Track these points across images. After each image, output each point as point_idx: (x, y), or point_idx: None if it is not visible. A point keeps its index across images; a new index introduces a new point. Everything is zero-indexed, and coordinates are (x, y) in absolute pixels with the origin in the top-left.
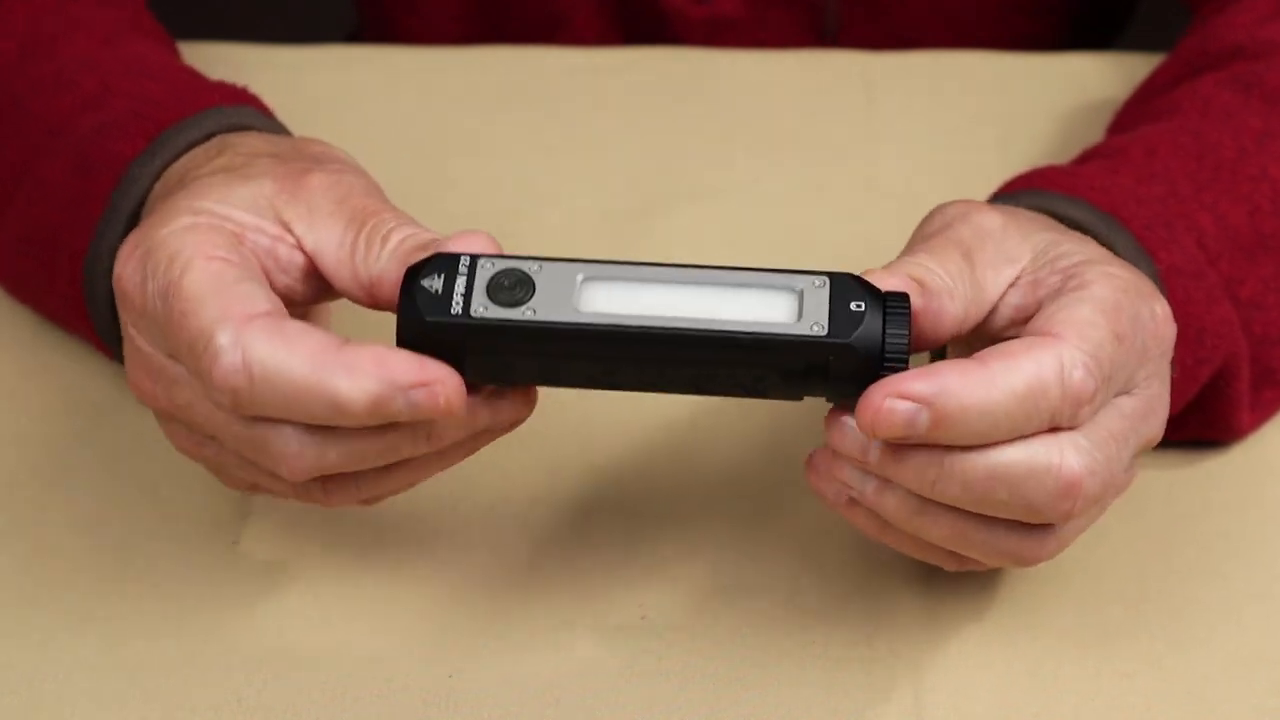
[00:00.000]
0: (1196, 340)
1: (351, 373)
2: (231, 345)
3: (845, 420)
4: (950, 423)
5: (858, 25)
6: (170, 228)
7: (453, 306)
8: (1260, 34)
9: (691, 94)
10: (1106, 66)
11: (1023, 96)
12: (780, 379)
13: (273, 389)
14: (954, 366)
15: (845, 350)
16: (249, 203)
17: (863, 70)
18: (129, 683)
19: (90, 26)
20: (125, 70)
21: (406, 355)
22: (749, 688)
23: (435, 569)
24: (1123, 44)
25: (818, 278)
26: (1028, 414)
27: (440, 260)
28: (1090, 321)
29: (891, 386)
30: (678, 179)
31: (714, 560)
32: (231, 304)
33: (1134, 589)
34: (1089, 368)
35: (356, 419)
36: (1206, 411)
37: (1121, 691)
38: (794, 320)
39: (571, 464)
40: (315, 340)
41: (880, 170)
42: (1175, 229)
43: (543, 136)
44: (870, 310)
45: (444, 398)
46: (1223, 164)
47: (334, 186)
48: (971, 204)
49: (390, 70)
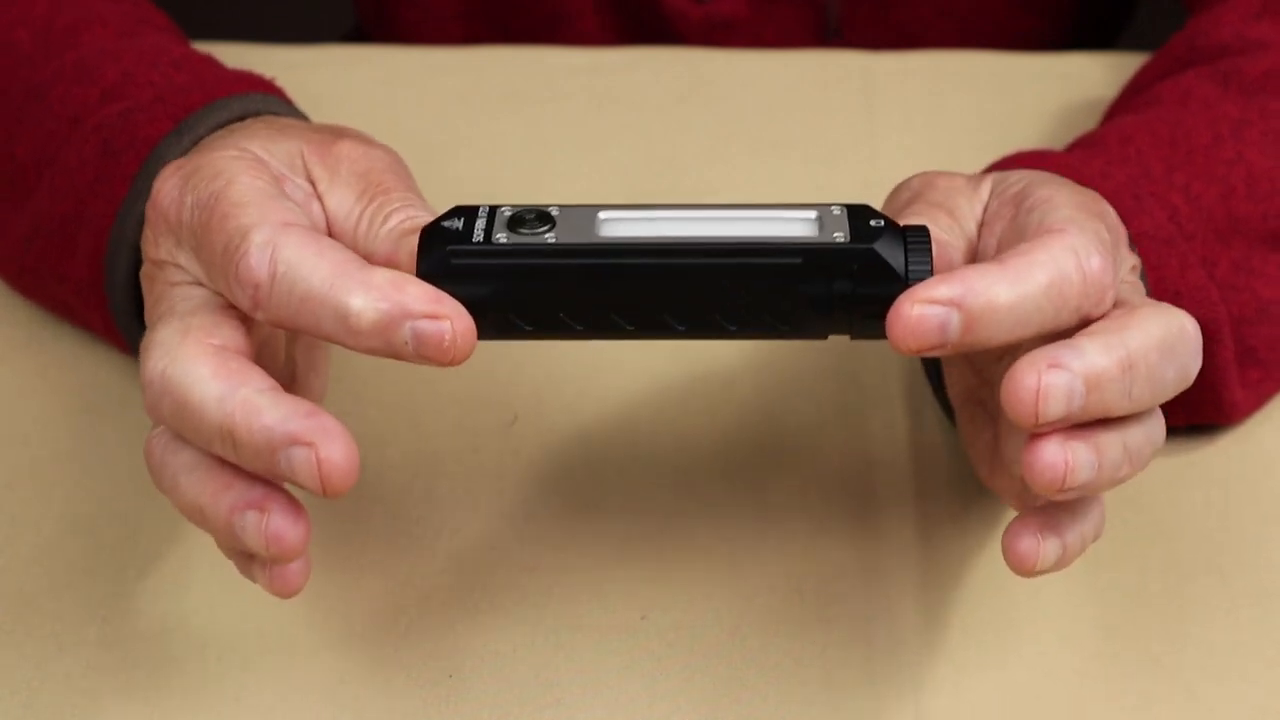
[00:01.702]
0: (1173, 303)
1: (367, 289)
2: (264, 243)
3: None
4: (982, 322)
5: (860, 23)
6: (218, 153)
7: (474, 236)
8: (1247, 32)
9: (691, 94)
10: (1106, 66)
11: (1023, 96)
12: (805, 297)
13: (290, 291)
14: (975, 269)
15: (869, 256)
16: (287, 157)
17: (863, 70)
18: (129, 683)
19: (107, 19)
20: (148, 60)
21: (424, 286)
22: (749, 688)
23: (435, 569)
24: (1123, 43)
25: (835, 206)
26: (1056, 306)
27: (461, 209)
28: (1073, 218)
29: (918, 293)
30: (678, 179)
31: (714, 560)
32: (272, 210)
33: (1133, 588)
34: (1101, 252)
35: (361, 338)
36: (1195, 385)
37: (1121, 691)
38: (816, 234)
39: (571, 464)
40: (344, 254)
41: (880, 170)
42: (1145, 202)
43: (543, 136)
44: (890, 230)
45: (451, 336)
46: (1196, 149)
47: (360, 157)
48: (931, 173)
49: (390, 70)
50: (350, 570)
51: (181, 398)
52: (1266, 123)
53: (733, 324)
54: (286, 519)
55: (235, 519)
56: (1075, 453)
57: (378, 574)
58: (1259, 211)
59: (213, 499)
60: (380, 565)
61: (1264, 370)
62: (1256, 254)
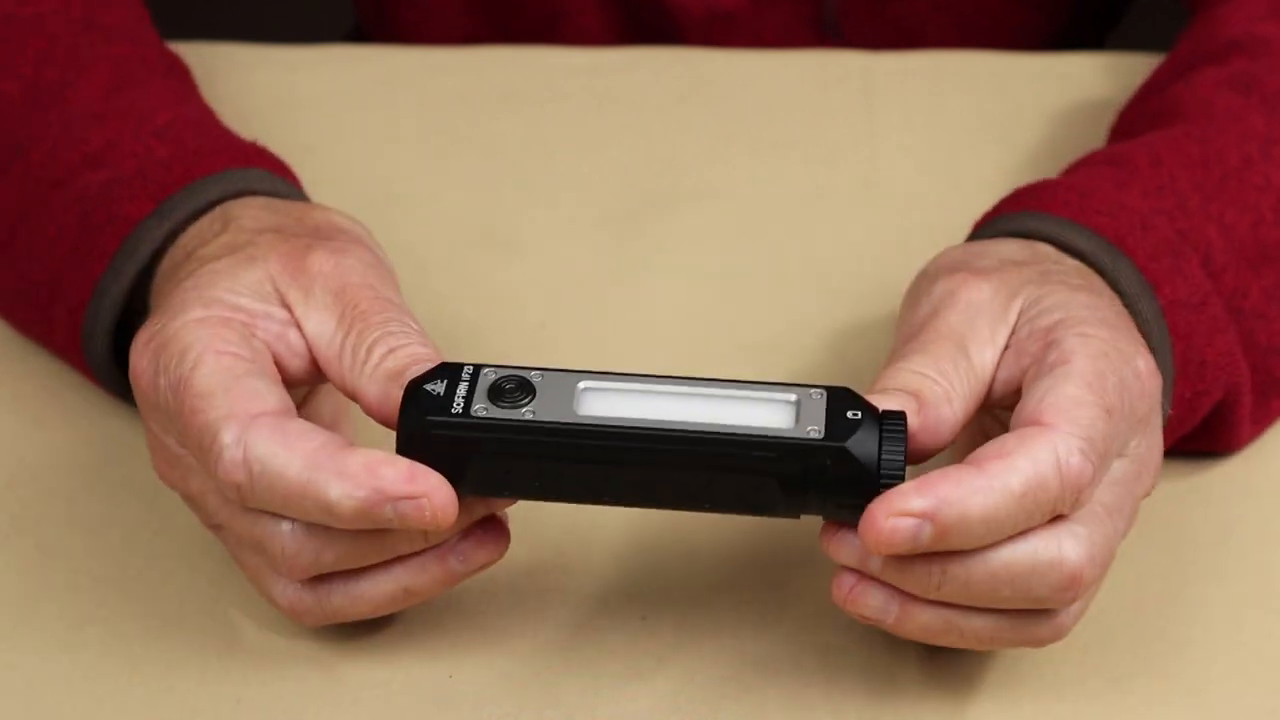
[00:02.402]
0: (1197, 374)
1: (342, 479)
2: (235, 443)
3: (842, 534)
4: (954, 533)
5: (858, 17)
6: (182, 319)
7: (454, 407)
8: (1256, 31)
9: (691, 94)
10: (1105, 66)
11: (1023, 96)
12: (778, 486)
13: (270, 487)
14: (949, 476)
15: (841, 454)
16: (256, 289)
17: (863, 70)
18: (129, 683)
19: (98, 70)
20: (131, 128)
21: (399, 464)
22: (749, 688)
23: None
24: (1119, 41)
25: (815, 390)
26: (1029, 511)
27: (444, 368)
28: (1078, 400)
29: (891, 504)
30: (678, 179)
31: (714, 561)
32: (238, 401)
33: (1134, 591)
34: (1085, 453)
35: (345, 523)
36: (1207, 433)
37: (1122, 693)
38: (791, 425)
39: None
40: (314, 442)
41: (880, 170)
42: (1181, 255)
43: (543, 136)
44: (866, 420)
45: (430, 511)
46: (1229, 173)
47: (331, 273)
48: (958, 278)
49: (390, 70)
50: None
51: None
52: None
53: (708, 505)
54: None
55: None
56: (866, 593)
57: None
58: None
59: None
60: None
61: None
62: None
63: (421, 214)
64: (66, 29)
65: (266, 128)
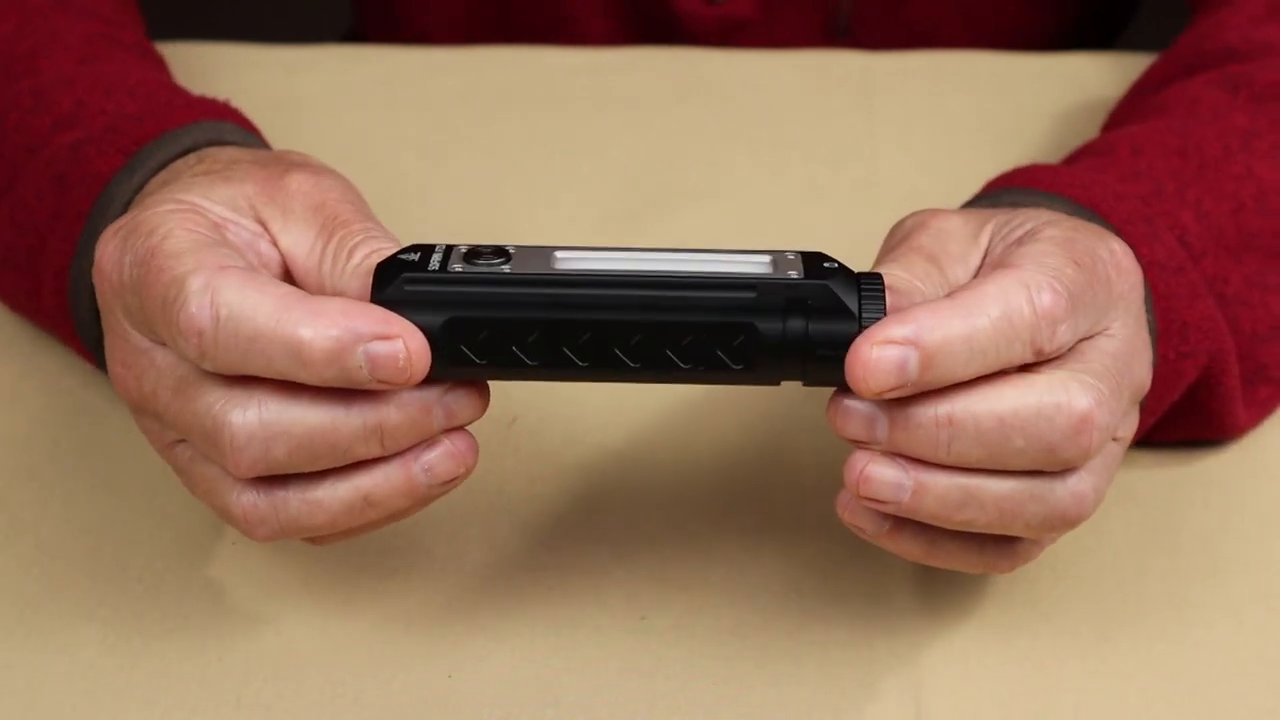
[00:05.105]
0: (1180, 335)
1: (316, 318)
2: (202, 289)
3: (846, 402)
4: (939, 358)
5: (870, 21)
6: (153, 210)
7: (429, 266)
8: (1253, 34)
9: (692, 94)
10: (1106, 66)
11: (1023, 96)
12: (757, 332)
13: (236, 333)
14: (924, 306)
15: (823, 291)
16: (230, 201)
17: (863, 70)
18: (129, 683)
19: (69, 41)
20: (102, 88)
21: (373, 308)
22: (749, 688)
23: (434, 569)
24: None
25: (789, 251)
26: (1008, 338)
27: (418, 246)
28: (1045, 252)
29: (874, 334)
30: (678, 179)
31: (714, 560)
32: (207, 256)
33: (1133, 588)
34: (1054, 287)
35: (315, 368)
36: (1200, 410)
37: (1121, 691)
38: (770, 272)
39: (571, 464)
40: (285, 289)
41: (880, 170)
42: (1156, 225)
43: (543, 136)
44: (844, 272)
45: (404, 356)
46: (1207, 162)
47: (311, 191)
48: (927, 211)
49: (390, 70)
50: (349, 570)
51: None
52: (1276, 134)
53: (685, 362)
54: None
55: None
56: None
57: (377, 574)
58: (1270, 226)
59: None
60: (380, 565)
61: (1274, 387)
62: (1270, 269)
63: (421, 214)
64: (41, 4)
65: (266, 128)
